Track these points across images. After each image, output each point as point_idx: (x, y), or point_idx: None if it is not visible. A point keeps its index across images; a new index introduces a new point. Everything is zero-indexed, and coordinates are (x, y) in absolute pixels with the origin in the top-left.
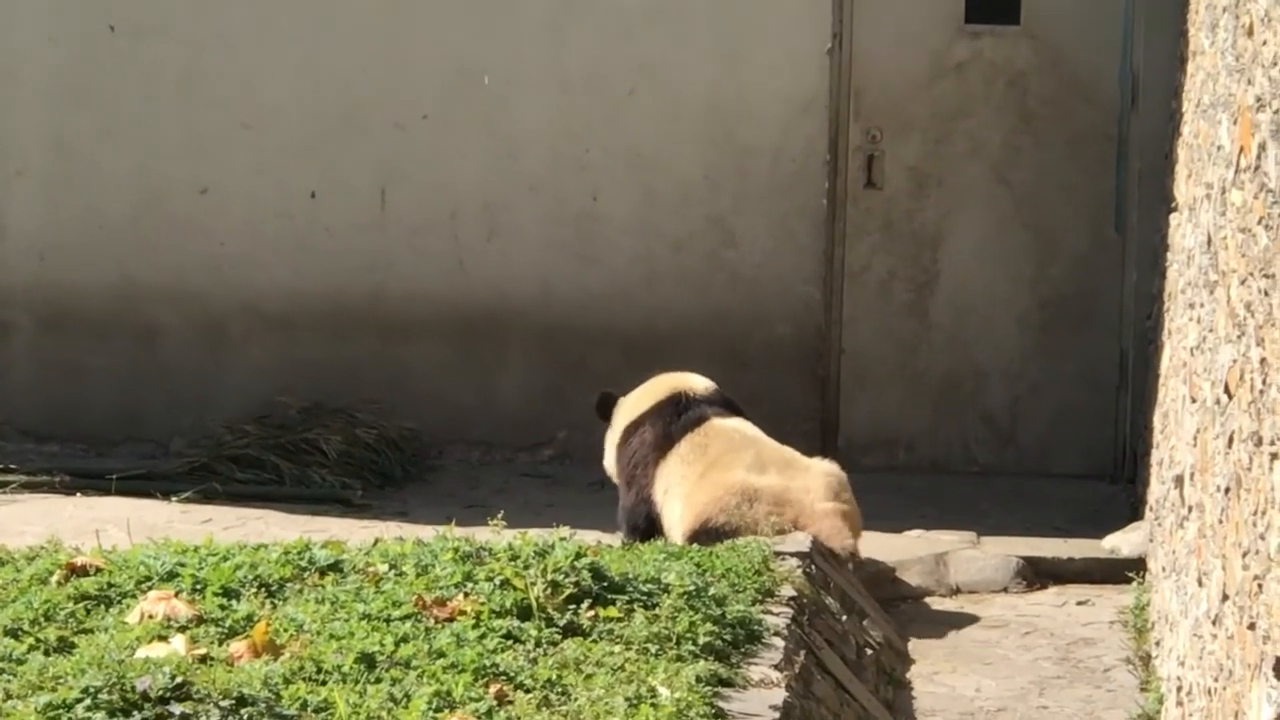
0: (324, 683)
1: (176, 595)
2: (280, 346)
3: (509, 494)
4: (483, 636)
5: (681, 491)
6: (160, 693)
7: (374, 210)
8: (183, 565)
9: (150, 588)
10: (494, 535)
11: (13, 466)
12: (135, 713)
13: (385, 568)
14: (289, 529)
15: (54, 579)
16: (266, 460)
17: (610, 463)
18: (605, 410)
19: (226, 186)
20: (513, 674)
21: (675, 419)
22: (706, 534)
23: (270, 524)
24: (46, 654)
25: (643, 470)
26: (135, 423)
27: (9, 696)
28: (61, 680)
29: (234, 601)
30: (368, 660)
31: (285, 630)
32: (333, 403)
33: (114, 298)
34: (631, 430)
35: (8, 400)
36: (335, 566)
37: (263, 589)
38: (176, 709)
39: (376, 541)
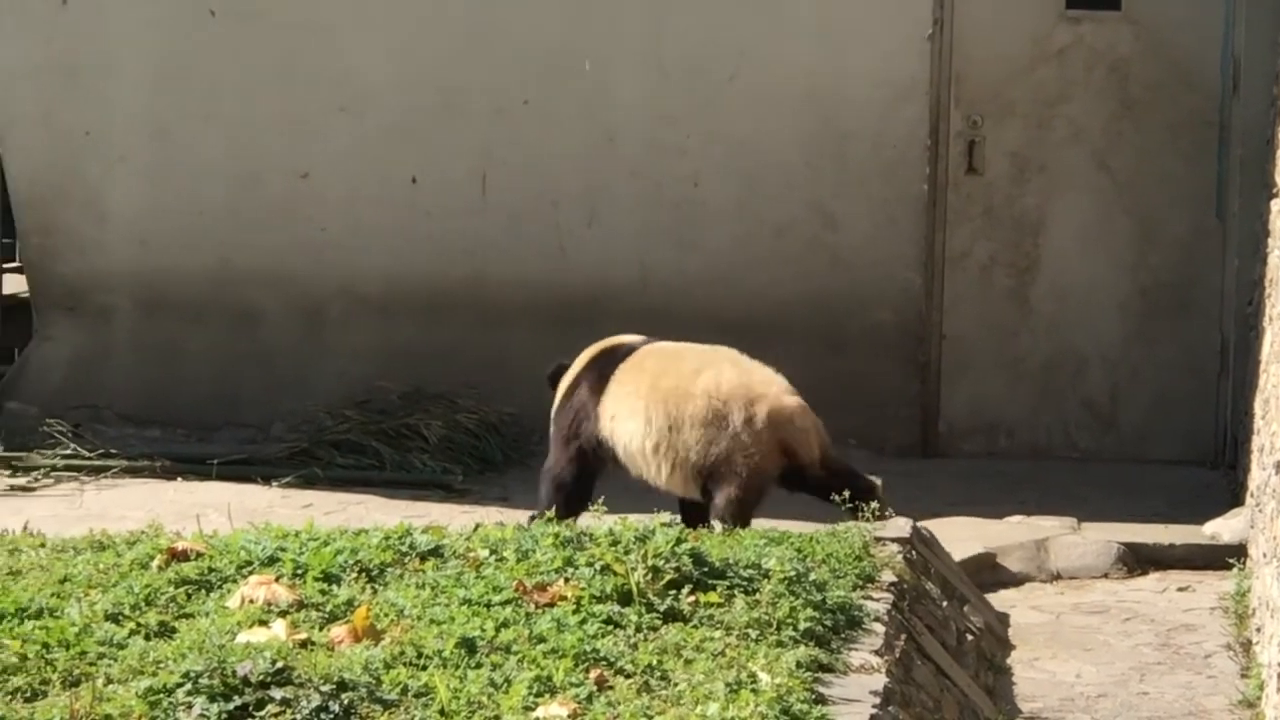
0: (424, 668)
1: (277, 580)
2: (380, 331)
3: (608, 479)
4: (583, 622)
5: (630, 408)
6: (261, 677)
7: (474, 195)
8: (283, 550)
9: (251, 572)
10: (594, 520)
11: (114, 451)
12: (236, 697)
13: (486, 553)
14: (390, 514)
15: (155, 564)
16: (367, 445)
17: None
18: (555, 383)
19: (326, 171)
20: (613, 659)
21: (610, 360)
22: (699, 473)
23: (371, 509)
24: (147, 638)
25: (584, 412)
26: (235, 407)
27: (110, 681)
28: (162, 665)
29: (335, 586)
30: (468, 645)
31: (386, 615)
32: (432, 388)
33: (214, 282)
34: (571, 389)
35: (109, 385)
36: (436, 551)
37: (363, 574)
38: (277, 693)
39: (477, 526)
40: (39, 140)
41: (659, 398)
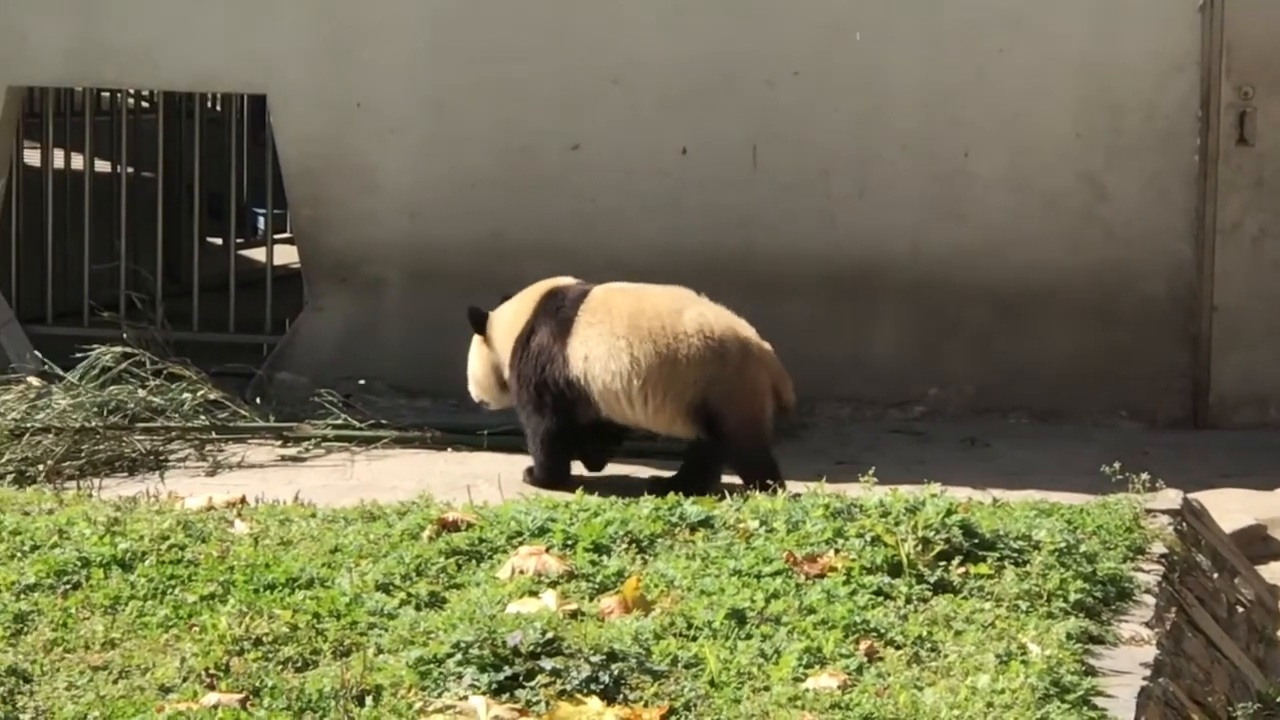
0: (694, 639)
1: (547, 551)
2: None
3: (879, 450)
4: (853, 593)
5: (609, 348)
6: (531, 648)
7: (745, 167)
8: (554, 521)
9: (521, 543)
10: (864, 492)
11: (384, 421)
12: (506, 667)
13: (756, 524)
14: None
15: (425, 534)
16: None
17: (479, 376)
18: (480, 324)
19: (597, 143)
20: (883, 630)
21: (564, 301)
22: (698, 411)
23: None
24: (418, 609)
25: (550, 361)
26: None
27: (381, 651)
28: (433, 635)
29: (604, 557)
30: (738, 616)
31: (656, 586)
32: None
33: (484, 253)
34: (525, 338)
35: (380, 356)
36: (706, 522)
37: (633, 545)
38: (547, 664)
39: (747, 497)
40: (310, 112)
41: (643, 336)
